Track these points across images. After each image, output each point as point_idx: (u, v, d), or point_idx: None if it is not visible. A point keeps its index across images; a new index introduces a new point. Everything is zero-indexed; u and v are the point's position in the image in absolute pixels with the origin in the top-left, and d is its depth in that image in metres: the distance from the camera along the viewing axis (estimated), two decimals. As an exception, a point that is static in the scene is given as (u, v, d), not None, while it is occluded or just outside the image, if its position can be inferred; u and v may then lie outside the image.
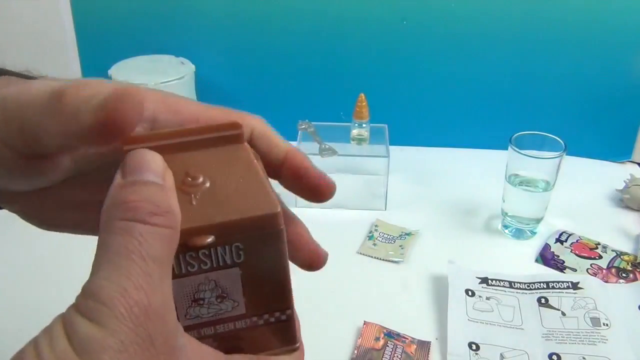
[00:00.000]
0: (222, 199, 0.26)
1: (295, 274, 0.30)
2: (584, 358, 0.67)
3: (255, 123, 0.32)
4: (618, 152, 1.10)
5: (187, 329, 0.26)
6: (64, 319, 0.21)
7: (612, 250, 0.85)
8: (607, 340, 0.69)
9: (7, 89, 0.27)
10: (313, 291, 0.79)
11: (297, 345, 0.30)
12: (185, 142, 0.27)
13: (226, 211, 0.25)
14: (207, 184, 0.26)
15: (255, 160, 0.28)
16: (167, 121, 0.29)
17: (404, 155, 1.08)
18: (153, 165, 0.25)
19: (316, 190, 0.34)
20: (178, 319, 0.25)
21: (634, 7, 0.98)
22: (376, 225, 0.91)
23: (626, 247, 0.87)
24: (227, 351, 0.27)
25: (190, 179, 0.26)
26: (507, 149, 0.85)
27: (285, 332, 0.29)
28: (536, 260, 0.85)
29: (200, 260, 0.25)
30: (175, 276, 0.25)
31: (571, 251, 0.86)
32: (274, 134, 0.33)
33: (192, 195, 0.26)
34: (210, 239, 0.25)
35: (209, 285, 0.26)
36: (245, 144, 0.29)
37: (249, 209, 0.26)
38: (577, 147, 0.97)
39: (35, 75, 0.33)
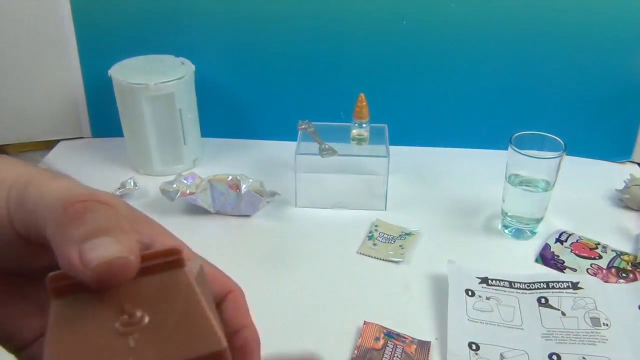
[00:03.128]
0: (163, 337, 0.24)
1: (295, 274, 0.30)
2: (584, 358, 0.67)
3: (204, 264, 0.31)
4: (618, 152, 1.10)
5: None
6: None
7: (612, 250, 0.85)
8: (607, 340, 0.69)
9: (34, 178, 0.27)
10: (313, 291, 0.79)
11: None
12: None
13: (168, 352, 0.23)
14: (146, 320, 0.24)
15: (197, 288, 0.26)
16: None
17: (404, 155, 1.08)
18: None
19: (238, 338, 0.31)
20: None
21: (634, 7, 0.98)
22: (376, 225, 0.91)
23: (626, 247, 0.87)
24: None
25: (127, 317, 0.24)
26: (507, 149, 0.85)
27: None
28: (536, 260, 0.85)
29: None
30: None
31: (571, 251, 0.86)
32: (220, 272, 0.32)
33: (130, 337, 0.24)
34: None
35: None
36: (186, 269, 0.26)
37: (191, 347, 0.24)
38: (577, 147, 0.97)
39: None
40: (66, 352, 0.23)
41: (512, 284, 0.78)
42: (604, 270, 0.82)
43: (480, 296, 0.76)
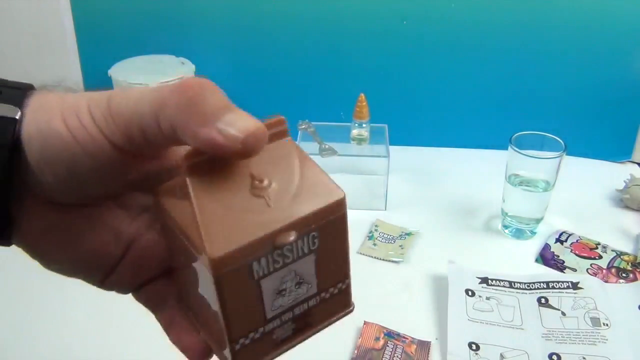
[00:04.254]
0: (292, 196, 0.28)
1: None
2: (584, 358, 0.67)
3: None
4: (618, 152, 1.10)
5: (271, 319, 0.29)
6: None
7: (612, 250, 0.85)
8: (607, 340, 0.69)
9: (110, 92, 0.28)
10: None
11: (352, 307, 0.34)
12: None
13: (301, 206, 0.28)
14: (273, 184, 0.28)
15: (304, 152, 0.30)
16: None
17: (404, 155, 1.08)
18: None
19: None
20: (265, 313, 0.28)
21: (634, 8, 0.98)
22: (376, 225, 0.91)
23: (626, 247, 0.87)
24: (299, 329, 0.30)
25: (258, 182, 0.28)
26: (507, 149, 0.85)
27: (345, 298, 0.32)
28: (536, 260, 0.85)
29: (284, 256, 0.27)
30: (264, 276, 0.27)
31: (571, 251, 0.86)
32: None
33: (266, 198, 0.27)
34: (294, 236, 0.27)
35: (290, 276, 0.28)
36: (290, 138, 0.30)
37: (320, 199, 0.28)
38: (577, 147, 0.97)
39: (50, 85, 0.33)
40: (217, 215, 0.26)
41: (512, 284, 0.78)
42: (604, 270, 0.82)
43: (480, 296, 0.76)
